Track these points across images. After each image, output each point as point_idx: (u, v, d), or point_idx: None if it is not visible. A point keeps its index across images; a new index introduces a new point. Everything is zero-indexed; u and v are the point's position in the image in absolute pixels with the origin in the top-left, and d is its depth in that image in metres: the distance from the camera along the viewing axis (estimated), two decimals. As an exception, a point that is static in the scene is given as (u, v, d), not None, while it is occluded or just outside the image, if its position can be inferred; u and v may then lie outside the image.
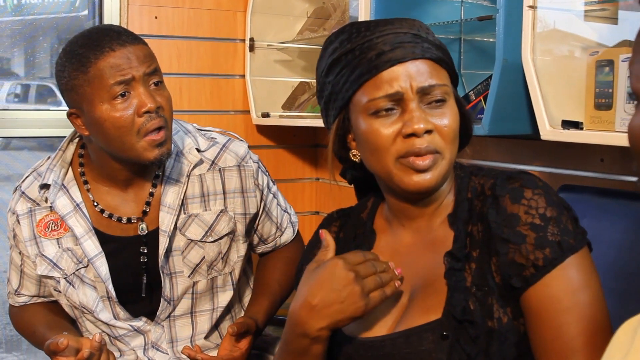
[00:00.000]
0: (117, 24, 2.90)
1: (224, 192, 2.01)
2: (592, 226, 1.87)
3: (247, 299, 2.20)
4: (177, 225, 1.95)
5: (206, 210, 1.98)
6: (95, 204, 1.95)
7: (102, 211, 1.95)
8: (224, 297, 2.07)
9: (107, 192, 1.96)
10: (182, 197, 1.95)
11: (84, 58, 1.79)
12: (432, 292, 1.37)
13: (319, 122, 2.88)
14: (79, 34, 1.87)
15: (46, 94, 8.47)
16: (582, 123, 1.78)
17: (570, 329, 1.27)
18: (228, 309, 2.12)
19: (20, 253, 2.01)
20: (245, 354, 1.96)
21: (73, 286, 1.95)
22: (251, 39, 3.06)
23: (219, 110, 3.07)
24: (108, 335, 2.00)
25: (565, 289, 1.28)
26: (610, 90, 1.75)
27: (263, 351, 2.22)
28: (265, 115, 3.02)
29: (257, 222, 2.11)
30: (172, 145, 1.92)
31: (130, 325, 1.98)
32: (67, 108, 1.86)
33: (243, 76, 3.11)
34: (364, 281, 1.35)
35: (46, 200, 1.95)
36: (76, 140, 2.00)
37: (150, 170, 1.96)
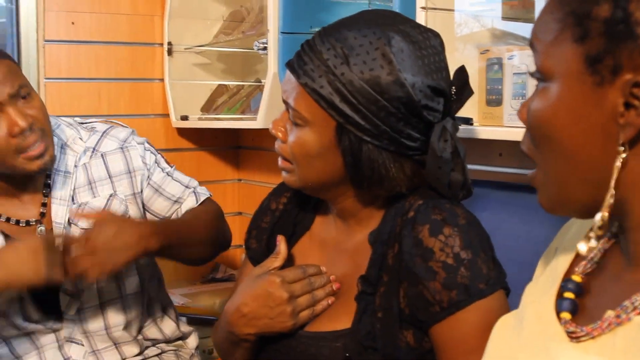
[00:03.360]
0: (34, 29, 2.91)
1: (110, 177, 2.01)
2: (492, 218, 1.95)
3: (157, 290, 2.17)
4: (70, 217, 1.94)
5: (95, 197, 1.98)
6: None
7: None
8: (130, 283, 2.03)
9: (1, 195, 1.93)
10: (72, 188, 1.95)
11: None
12: (345, 302, 1.41)
13: (239, 124, 2.93)
14: None
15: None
16: (472, 119, 1.84)
17: None
18: (139, 298, 2.07)
19: None
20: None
21: None
22: (169, 43, 3.08)
23: (138, 114, 3.08)
24: (14, 336, 1.95)
25: (470, 332, 1.28)
26: (500, 87, 1.82)
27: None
28: (184, 118, 3.04)
29: (144, 201, 2.07)
30: (56, 139, 1.93)
31: (43, 325, 1.94)
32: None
33: (162, 80, 3.12)
34: (297, 301, 1.41)
35: None
36: None
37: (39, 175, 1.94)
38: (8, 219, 1.93)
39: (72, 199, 1.95)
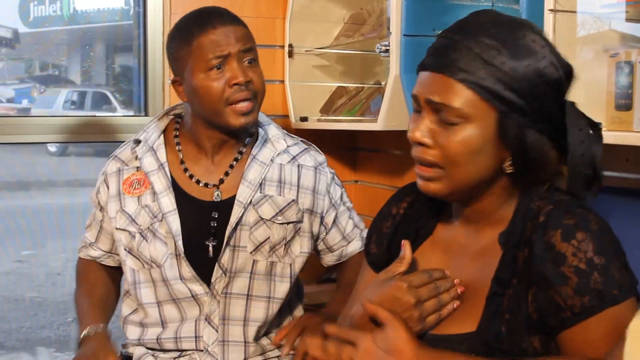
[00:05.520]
0: (160, 32, 3.00)
1: (298, 186, 2.17)
2: (617, 225, 1.90)
3: (294, 299, 2.27)
4: (253, 200, 2.09)
5: (280, 195, 2.13)
6: (182, 162, 2.14)
7: (185, 170, 2.13)
8: (281, 287, 2.14)
9: (195, 155, 2.15)
10: (263, 177, 2.12)
11: (189, 32, 2.05)
12: (470, 305, 1.42)
13: (358, 126, 2.95)
14: (194, 11, 2.12)
15: (102, 102, 8.67)
16: (600, 124, 1.80)
17: None
18: (286, 306, 2.19)
19: (102, 210, 2.19)
20: None
21: (146, 240, 2.08)
22: (290, 45, 3.13)
23: (258, 115, 3.14)
24: (166, 300, 2.11)
25: (601, 338, 1.26)
26: (630, 91, 1.77)
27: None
28: (304, 119, 3.08)
29: (323, 228, 2.22)
30: (262, 132, 2.15)
31: (190, 290, 2.08)
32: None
33: (282, 81, 3.17)
34: (424, 305, 1.41)
35: (135, 159, 2.14)
36: (171, 115, 2.22)
37: (237, 142, 2.14)
38: (191, 176, 2.14)
39: (260, 187, 2.12)
